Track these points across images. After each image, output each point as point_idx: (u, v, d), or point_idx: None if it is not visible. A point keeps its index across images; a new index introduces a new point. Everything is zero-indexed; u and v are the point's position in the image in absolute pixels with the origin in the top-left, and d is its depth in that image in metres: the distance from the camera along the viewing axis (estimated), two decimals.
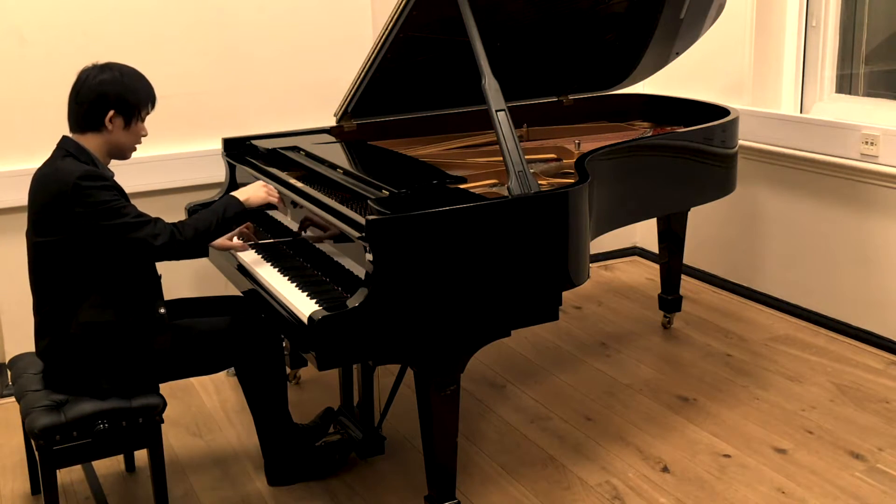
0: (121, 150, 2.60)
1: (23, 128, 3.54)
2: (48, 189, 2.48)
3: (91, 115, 2.52)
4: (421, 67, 3.29)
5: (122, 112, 2.54)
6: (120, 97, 2.53)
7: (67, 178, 2.43)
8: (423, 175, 2.80)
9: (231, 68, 3.82)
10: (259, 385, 2.76)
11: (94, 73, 2.54)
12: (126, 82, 2.55)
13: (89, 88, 2.52)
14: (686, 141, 3.39)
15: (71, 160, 2.49)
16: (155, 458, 2.58)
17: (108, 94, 2.52)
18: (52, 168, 2.52)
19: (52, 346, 2.54)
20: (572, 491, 2.85)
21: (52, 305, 2.53)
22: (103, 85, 2.52)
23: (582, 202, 2.64)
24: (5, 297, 3.60)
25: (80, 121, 2.55)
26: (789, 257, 4.13)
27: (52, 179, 2.48)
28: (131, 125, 2.57)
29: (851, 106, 4.01)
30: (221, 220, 2.65)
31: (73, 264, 2.48)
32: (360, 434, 3.00)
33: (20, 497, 2.91)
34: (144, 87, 2.59)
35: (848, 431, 3.15)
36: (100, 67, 2.56)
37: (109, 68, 2.56)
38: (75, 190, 2.42)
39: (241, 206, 2.70)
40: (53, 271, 2.51)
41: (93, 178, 2.45)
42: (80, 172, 2.44)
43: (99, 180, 2.46)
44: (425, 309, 2.40)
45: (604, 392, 3.48)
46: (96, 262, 2.49)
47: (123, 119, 2.55)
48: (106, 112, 2.52)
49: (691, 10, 3.60)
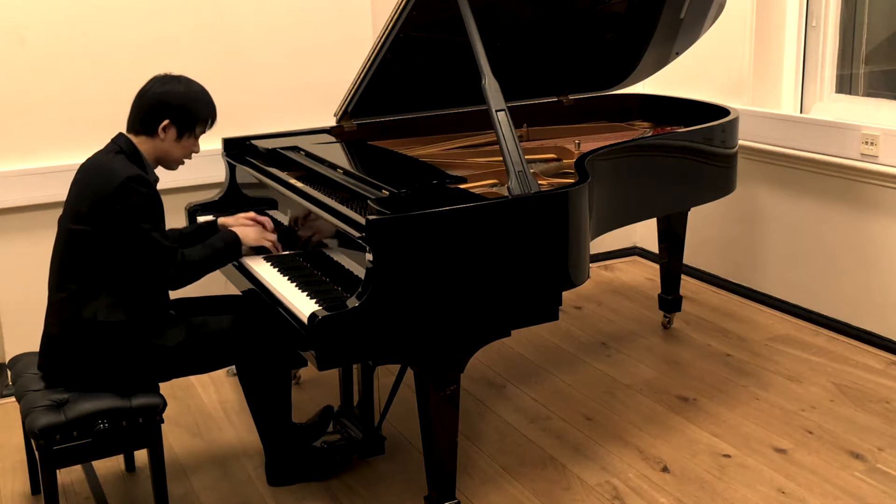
0: (168, 160, 2.68)
1: (23, 128, 3.54)
2: (95, 181, 2.54)
3: (148, 118, 2.60)
4: (421, 67, 3.29)
5: (177, 123, 2.62)
6: (180, 108, 2.61)
7: (116, 176, 2.49)
8: (423, 175, 2.80)
9: (231, 68, 3.82)
10: (260, 384, 2.76)
11: (162, 80, 2.64)
12: (190, 97, 2.63)
13: (154, 93, 2.61)
14: (686, 141, 3.39)
15: (123, 158, 2.57)
16: (155, 458, 2.58)
17: (170, 103, 2.60)
18: (103, 161, 2.58)
19: (61, 334, 2.56)
20: (572, 491, 2.85)
21: (71, 293, 2.55)
22: (167, 94, 2.61)
23: (582, 202, 2.63)
24: (5, 297, 3.60)
25: (136, 122, 2.62)
26: (789, 257, 4.13)
27: (100, 172, 2.54)
28: (183, 138, 2.65)
29: (851, 106, 4.01)
30: (220, 253, 2.71)
31: (96, 258, 2.53)
32: (360, 434, 3.00)
33: (20, 497, 2.91)
34: (206, 106, 2.67)
35: (848, 431, 3.15)
36: (170, 77, 2.65)
37: (179, 80, 2.65)
38: (121, 188, 2.47)
39: (238, 242, 2.75)
40: (77, 261, 2.55)
41: (140, 183, 2.51)
42: (130, 173, 2.51)
43: (145, 186, 2.52)
44: (425, 309, 2.40)
45: (604, 392, 3.48)
46: (118, 261, 2.53)
47: (177, 130, 2.63)
48: (161, 119, 2.60)
49: (691, 10, 3.60)
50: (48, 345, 2.60)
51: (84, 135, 3.63)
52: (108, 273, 2.53)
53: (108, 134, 3.78)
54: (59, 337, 2.57)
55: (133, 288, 2.56)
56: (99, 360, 2.53)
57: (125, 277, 2.55)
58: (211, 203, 3.32)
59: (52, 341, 2.59)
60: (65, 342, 2.55)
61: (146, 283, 2.57)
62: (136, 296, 2.57)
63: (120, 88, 3.63)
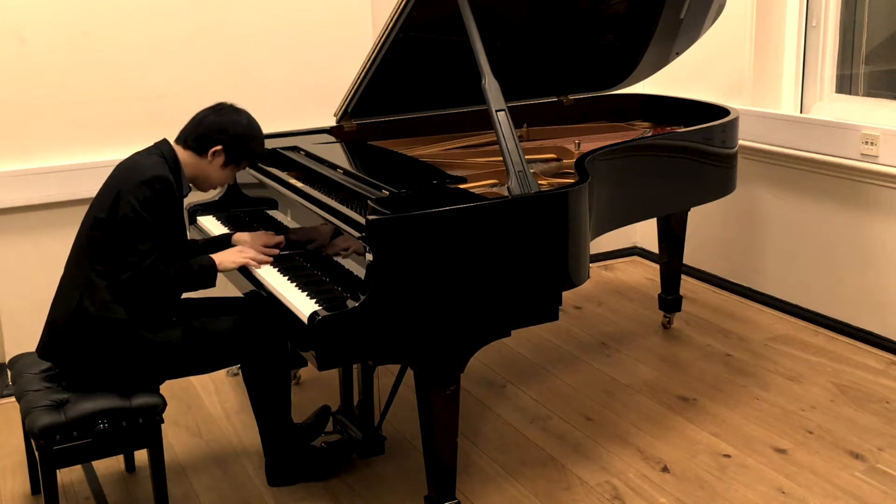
0: (205, 182, 2.75)
1: (22, 128, 3.54)
2: (125, 174, 2.59)
3: (203, 138, 2.67)
4: (421, 67, 3.29)
5: (228, 151, 2.69)
6: (236, 138, 2.68)
7: (144, 172, 2.55)
8: (423, 175, 2.80)
9: (231, 68, 3.82)
10: (263, 385, 2.76)
11: (228, 109, 2.72)
12: (249, 132, 2.72)
13: (217, 119, 2.69)
14: (686, 141, 3.39)
15: (161, 161, 2.61)
16: (155, 458, 2.58)
17: (228, 131, 2.67)
18: (138, 161, 2.64)
19: (60, 322, 2.58)
20: (572, 491, 2.85)
21: (75, 281, 2.57)
22: (230, 123, 2.69)
23: (582, 202, 2.64)
24: (5, 297, 3.60)
25: (189, 138, 2.68)
26: (789, 257, 4.13)
27: (133, 167, 2.61)
28: (228, 166, 2.71)
29: (851, 106, 4.01)
30: (185, 275, 2.63)
31: (106, 249, 2.54)
32: (360, 434, 3.00)
33: (20, 497, 2.91)
34: (260, 145, 2.76)
35: (848, 431, 3.15)
36: (236, 108, 2.73)
37: (243, 113, 2.73)
38: (142, 183, 2.52)
39: (211, 266, 2.67)
40: (92, 250, 2.57)
41: (163, 185, 2.55)
42: (157, 172, 2.55)
43: (167, 191, 2.56)
44: (425, 309, 2.40)
45: (604, 392, 3.48)
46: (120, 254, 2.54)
47: (225, 158, 2.69)
48: (216, 144, 2.66)
49: (691, 11, 3.60)
50: (49, 332, 2.62)
51: (84, 135, 3.63)
52: (113, 266, 2.54)
53: (109, 134, 3.79)
54: (60, 324, 2.58)
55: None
56: (98, 352, 2.54)
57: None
58: (211, 203, 3.32)
59: (53, 328, 2.61)
60: (65, 330, 2.56)
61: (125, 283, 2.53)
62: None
63: (120, 89, 3.67)
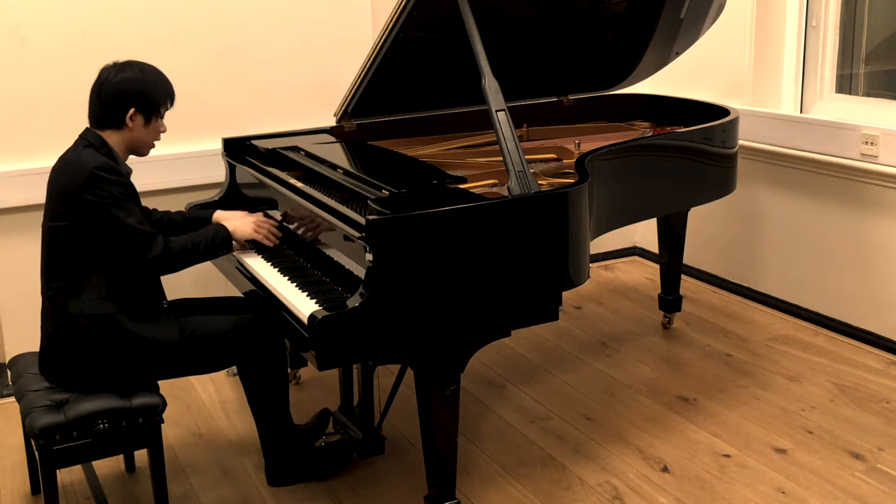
0: (140, 147, 2.67)
1: (22, 128, 3.54)
2: (65, 175, 2.54)
3: (112, 112, 2.58)
4: (421, 67, 3.29)
5: (143, 109, 2.60)
6: (141, 94, 2.59)
7: (84, 167, 2.50)
8: (423, 175, 2.80)
9: (231, 68, 3.82)
10: (261, 385, 2.76)
11: (114, 71, 2.60)
12: (146, 80, 2.61)
13: (110, 86, 2.58)
14: (686, 141, 3.39)
15: (91, 151, 2.56)
16: (155, 458, 2.58)
17: (129, 91, 2.58)
18: (72, 156, 2.58)
19: (54, 333, 2.57)
20: (572, 491, 2.85)
21: (57, 290, 2.56)
22: (124, 83, 2.58)
23: (582, 202, 2.64)
24: (5, 297, 3.60)
25: (100, 118, 2.60)
26: (789, 257, 4.13)
27: (69, 166, 2.55)
28: (151, 122, 2.64)
29: (851, 106, 4.01)
30: (209, 245, 2.69)
31: (79, 252, 2.53)
32: (360, 434, 3.00)
33: (20, 497, 2.91)
34: (164, 85, 2.65)
35: (848, 431, 3.15)
36: (120, 65, 2.61)
37: (130, 66, 2.62)
38: (89, 178, 2.48)
39: (228, 236, 2.74)
40: (61, 257, 2.55)
41: (108, 171, 2.51)
42: (97, 163, 2.50)
43: (113, 174, 2.52)
44: (425, 309, 2.40)
45: (604, 392, 3.48)
46: (100, 253, 2.53)
47: (144, 116, 2.61)
48: (127, 109, 2.58)
49: (691, 11, 3.60)
50: (46, 346, 2.60)
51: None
52: (92, 266, 2.53)
53: None
54: (53, 336, 2.57)
55: (119, 278, 2.56)
56: (94, 356, 2.53)
57: (110, 268, 2.54)
58: (211, 203, 3.32)
59: (48, 342, 2.59)
60: (59, 341, 2.56)
61: (129, 270, 2.55)
62: (124, 286, 2.56)
63: None
